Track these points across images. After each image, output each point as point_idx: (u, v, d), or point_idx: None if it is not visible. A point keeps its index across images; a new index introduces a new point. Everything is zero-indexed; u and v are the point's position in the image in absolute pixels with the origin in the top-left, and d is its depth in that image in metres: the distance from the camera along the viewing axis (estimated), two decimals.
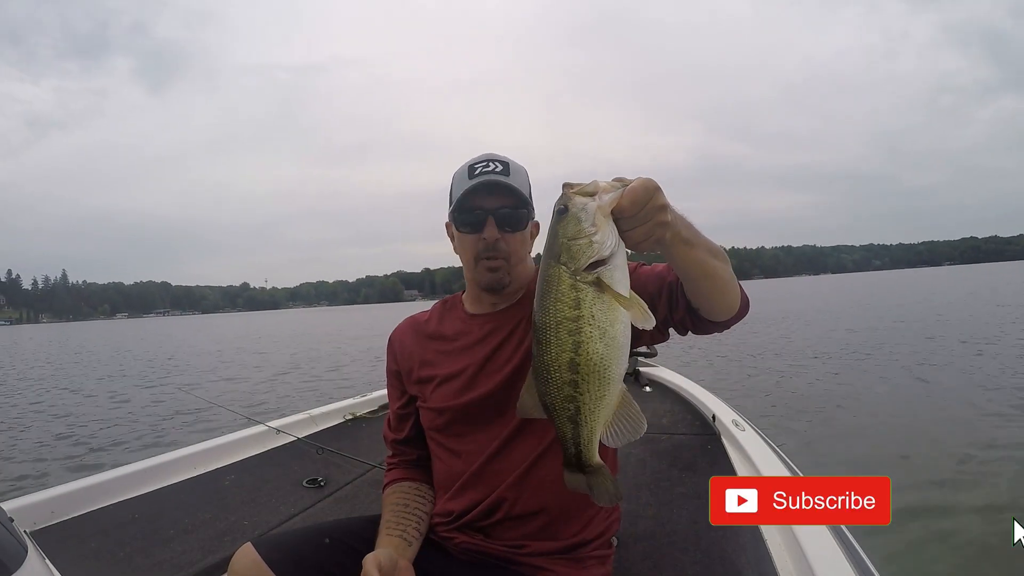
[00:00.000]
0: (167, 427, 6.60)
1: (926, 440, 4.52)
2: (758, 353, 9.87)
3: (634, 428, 0.84)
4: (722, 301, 0.93)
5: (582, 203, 0.77)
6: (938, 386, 6.36)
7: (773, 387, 6.97)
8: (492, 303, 1.17)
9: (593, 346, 0.79)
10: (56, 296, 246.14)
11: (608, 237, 0.77)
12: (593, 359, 0.79)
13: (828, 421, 5.26)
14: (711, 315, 0.96)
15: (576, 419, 0.83)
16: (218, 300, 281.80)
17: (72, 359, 18.34)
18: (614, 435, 0.85)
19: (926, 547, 2.84)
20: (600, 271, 0.78)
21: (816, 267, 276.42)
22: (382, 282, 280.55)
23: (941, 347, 9.25)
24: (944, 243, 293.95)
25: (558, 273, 0.79)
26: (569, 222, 0.78)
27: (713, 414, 2.54)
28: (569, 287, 0.78)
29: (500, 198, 1.07)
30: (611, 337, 0.79)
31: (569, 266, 0.78)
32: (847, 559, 1.23)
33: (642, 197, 0.76)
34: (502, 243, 1.09)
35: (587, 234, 0.77)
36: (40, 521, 1.76)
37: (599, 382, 0.81)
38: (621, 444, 0.86)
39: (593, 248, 0.77)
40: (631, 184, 0.76)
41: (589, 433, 0.84)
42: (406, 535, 1.09)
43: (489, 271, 1.10)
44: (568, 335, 0.79)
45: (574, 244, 0.77)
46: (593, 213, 0.77)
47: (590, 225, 0.77)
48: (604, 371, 0.80)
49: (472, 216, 1.08)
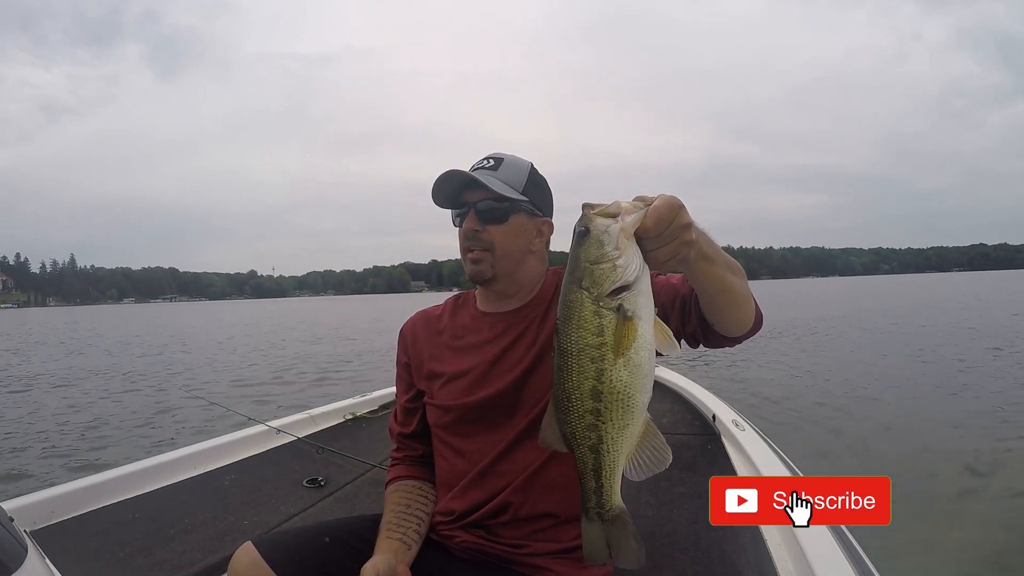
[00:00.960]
0: (167, 426, 6.59)
1: (929, 441, 4.52)
2: (758, 353, 9.87)
3: (659, 459, 0.80)
4: (737, 317, 0.93)
5: (604, 225, 0.74)
6: (943, 388, 6.34)
7: (773, 387, 6.97)
8: (503, 302, 1.17)
9: (617, 374, 0.76)
10: (64, 280, 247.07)
11: (632, 260, 0.74)
12: (617, 387, 0.76)
13: (829, 422, 5.26)
14: (725, 330, 0.95)
15: (598, 448, 0.80)
16: (225, 287, 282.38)
17: (75, 349, 18.33)
18: (638, 467, 0.81)
19: (926, 547, 2.84)
20: (624, 297, 0.75)
21: (825, 269, 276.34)
22: (389, 272, 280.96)
23: (946, 350, 9.23)
24: (953, 249, 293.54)
25: (580, 299, 0.76)
26: (591, 245, 0.75)
27: (713, 414, 2.54)
28: (592, 313, 0.75)
29: (481, 192, 1.08)
30: (635, 365, 0.76)
31: (592, 291, 0.75)
32: (847, 559, 1.23)
33: (666, 216, 0.73)
34: (484, 235, 1.09)
35: (610, 258, 0.74)
36: (40, 521, 1.76)
37: (623, 411, 0.78)
38: (644, 477, 0.81)
39: (617, 273, 0.74)
40: (654, 203, 0.74)
41: (612, 464, 0.80)
42: (406, 538, 1.09)
43: (472, 263, 1.11)
44: (591, 363, 0.76)
45: (597, 269, 0.74)
46: (616, 236, 0.74)
47: (613, 248, 0.74)
48: (628, 400, 0.77)
49: (458, 210, 1.12)
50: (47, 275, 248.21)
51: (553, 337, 0.81)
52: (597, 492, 0.82)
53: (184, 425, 6.55)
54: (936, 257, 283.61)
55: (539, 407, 1.06)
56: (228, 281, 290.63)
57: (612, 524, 0.84)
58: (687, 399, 3.01)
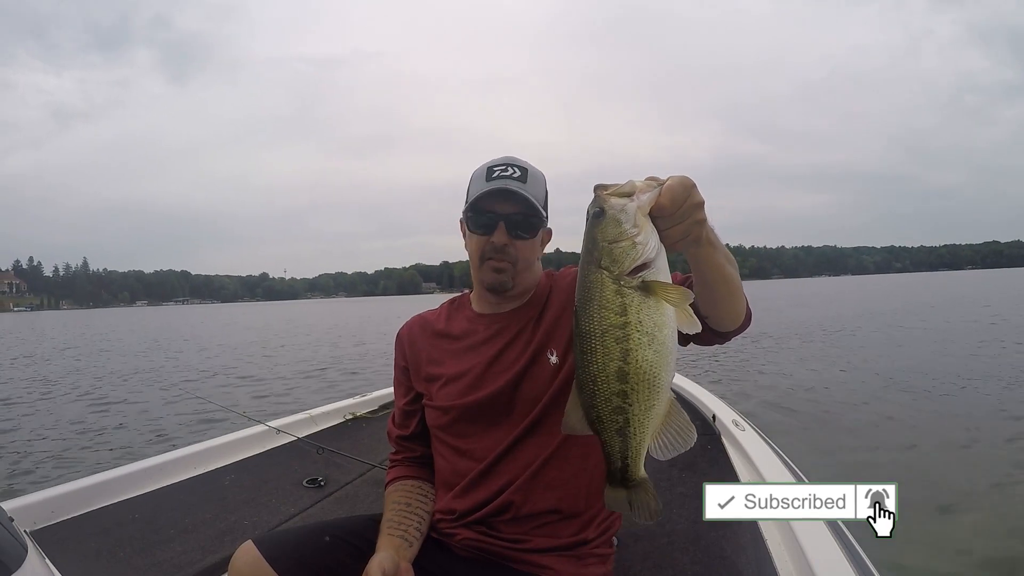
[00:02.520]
0: (167, 426, 6.59)
1: (930, 442, 4.51)
2: (759, 353, 9.87)
3: (684, 439, 0.79)
4: (731, 309, 0.93)
5: (620, 204, 0.74)
6: (948, 389, 6.30)
7: (774, 387, 6.97)
8: (499, 303, 1.17)
9: (642, 353, 0.75)
10: (77, 283, 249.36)
11: (651, 238, 0.74)
12: (643, 367, 0.75)
13: (830, 421, 5.25)
14: (718, 324, 0.95)
15: (625, 431, 0.79)
16: (237, 289, 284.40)
17: (78, 350, 18.34)
18: (663, 446, 0.80)
19: (926, 547, 2.84)
20: (645, 274, 0.74)
21: (836, 268, 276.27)
22: (400, 274, 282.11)
23: (951, 350, 9.21)
24: (966, 246, 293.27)
25: (600, 279, 0.75)
26: (608, 224, 0.74)
27: (713, 414, 2.54)
28: (614, 292, 0.74)
29: (513, 204, 1.08)
30: (660, 343, 0.76)
31: (612, 270, 0.74)
32: (847, 559, 1.23)
33: (680, 195, 0.73)
34: (511, 248, 1.10)
35: (629, 236, 0.73)
36: (40, 521, 1.76)
37: (649, 391, 0.77)
38: (670, 456, 0.80)
39: (637, 250, 0.73)
40: (668, 182, 0.74)
41: (638, 444, 0.80)
42: (407, 535, 1.09)
43: (494, 271, 1.11)
44: (615, 343, 0.75)
45: (616, 247, 0.74)
46: (633, 214, 0.73)
47: (632, 227, 0.73)
48: (654, 379, 0.76)
49: (484, 218, 1.09)
50: (60, 278, 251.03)
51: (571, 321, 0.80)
52: (623, 471, 0.82)
53: (184, 425, 6.56)
54: (949, 255, 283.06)
55: (538, 407, 1.07)
56: (240, 284, 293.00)
57: (635, 489, 0.84)
58: (687, 399, 3.01)
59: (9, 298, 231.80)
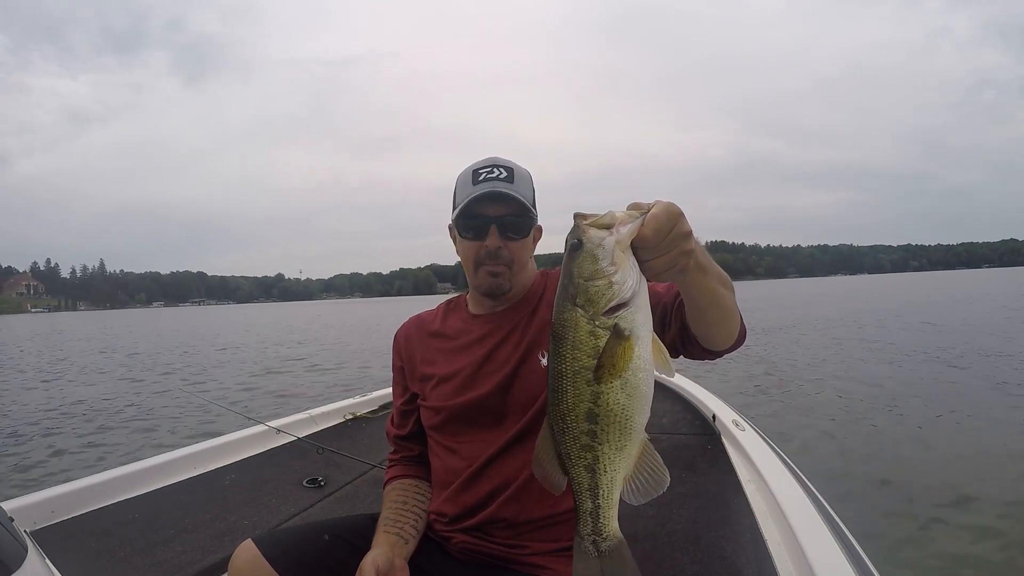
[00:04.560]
0: (167, 426, 6.60)
1: (931, 442, 4.51)
2: (759, 353, 9.87)
3: (657, 481, 0.76)
4: (723, 331, 0.91)
5: (598, 238, 0.70)
6: (952, 390, 6.29)
7: (774, 387, 6.97)
8: (492, 305, 1.18)
9: (614, 397, 0.73)
10: (94, 285, 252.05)
11: (628, 276, 0.70)
12: (614, 410, 0.73)
13: (831, 421, 5.25)
14: (709, 344, 0.93)
15: (594, 468, 0.76)
16: (252, 290, 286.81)
17: (81, 351, 18.35)
18: (635, 490, 0.77)
19: (926, 546, 2.84)
20: (621, 315, 0.71)
21: (853, 267, 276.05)
22: (415, 274, 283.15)
23: (957, 350, 9.19)
24: (983, 244, 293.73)
25: (575, 318, 0.72)
26: (585, 260, 0.70)
27: (713, 414, 2.54)
28: (587, 334, 0.71)
29: (503, 206, 1.07)
30: (633, 387, 0.73)
31: (587, 310, 0.71)
32: (847, 559, 1.23)
33: (666, 225, 0.69)
34: (504, 250, 1.09)
35: (606, 274, 0.69)
36: (40, 521, 1.76)
37: (620, 433, 0.74)
38: (643, 500, 0.77)
39: (613, 290, 0.70)
40: (652, 211, 0.70)
41: (609, 485, 0.76)
42: (403, 532, 1.10)
43: (490, 276, 1.11)
44: (586, 385, 0.73)
45: (591, 286, 0.70)
46: (611, 250, 0.69)
47: (608, 264, 0.69)
48: (626, 422, 0.74)
49: (475, 223, 1.09)
50: (77, 280, 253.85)
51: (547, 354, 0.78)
52: (594, 515, 0.77)
53: (184, 425, 6.56)
54: (966, 253, 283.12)
55: (531, 409, 1.07)
56: (255, 284, 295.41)
57: (608, 558, 0.78)
58: (687, 399, 3.01)
59: (27, 299, 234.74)
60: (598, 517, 0.77)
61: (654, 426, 2.68)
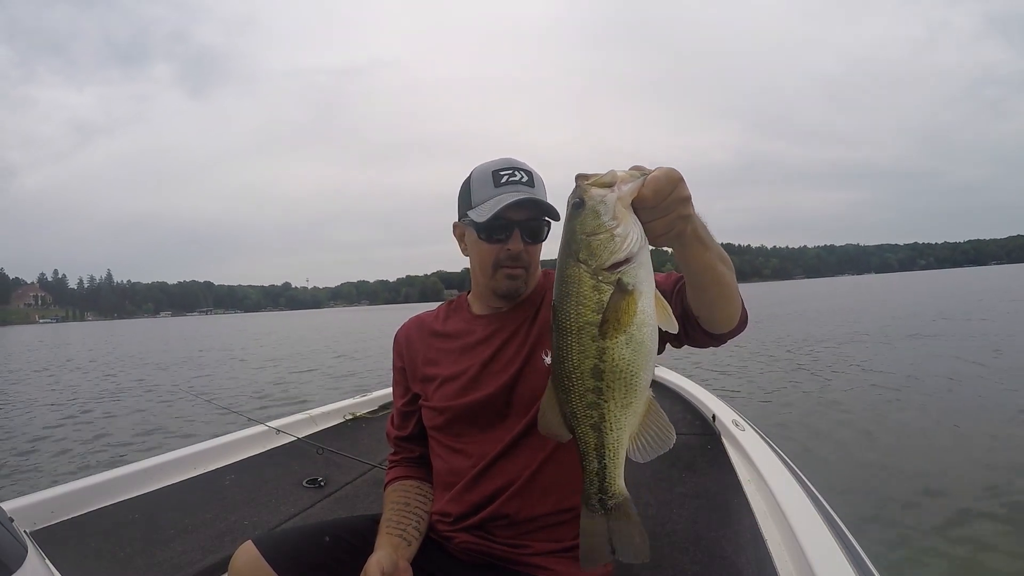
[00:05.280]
0: (167, 427, 6.60)
1: (932, 442, 4.51)
2: (759, 353, 9.87)
3: (663, 439, 0.77)
4: (725, 311, 0.90)
5: (600, 195, 0.71)
6: (955, 391, 6.26)
7: (774, 387, 6.96)
8: (497, 306, 1.17)
9: (619, 352, 0.72)
10: (101, 295, 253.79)
11: (631, 230, 0.70)
12: (619, 365, 0.73)
13: (831, 421, 5.24)
14: (711, 326, 0.93)
15: (600, 427, 0.76)
16: (260, 299, 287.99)
17: (84, 356, 18.36)
18: (642, 448, 0.77)
19: (926, 546, 2.84)
20: (624, 270, 0.71)
21: (860, 266, 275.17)
22: (422, 281, 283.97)
23: (962, 348, 9.17)
24: (991, 241, 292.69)
25: (578, 273, 0.72)
26: (587, 216, 0.71)
27: (713, 414, 2.54)
28: (591, 288, 0.72)
29: (527, 210, 1.07)
30: (638, 342, 0.73)
31: (590, 264, 0.71)
32: (847, 559, 1.23)
33: (665, 187, 0.70)
34: (524, 254, 1.10)
35: (608, 228, 0.70)
36: (40, 521, 1.76)
37: (625, 389, 0.74)
38: (649, 458, 0.78)
39: (615, 243, 0.70)
40: (653, 173, 0.71)
41: (615, 444, 0.76)
42: (405, 534, 1.10)
43: (509, 279, 1.10)
44: (591, 340, 0.73)
45: (594, 240, 0.71)
46: (613, 205, 0.70)
47: (610, 219, 0.70)
48: (631, 378, 0.74)
49: (499, 225, 1.07)
50: (84, 290, 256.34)
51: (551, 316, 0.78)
52: (600, 474, 0.78)
53: (184, 426, 6.56)
54: (973, 251, 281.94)
55: (533, 410, 1.06)
56: (262, 293, 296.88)
57: (614, 514, 0.79)
58: (687, 399, 3.01)
59: (35, 310, 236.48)
60: (604, 477, 0.78)
61: None
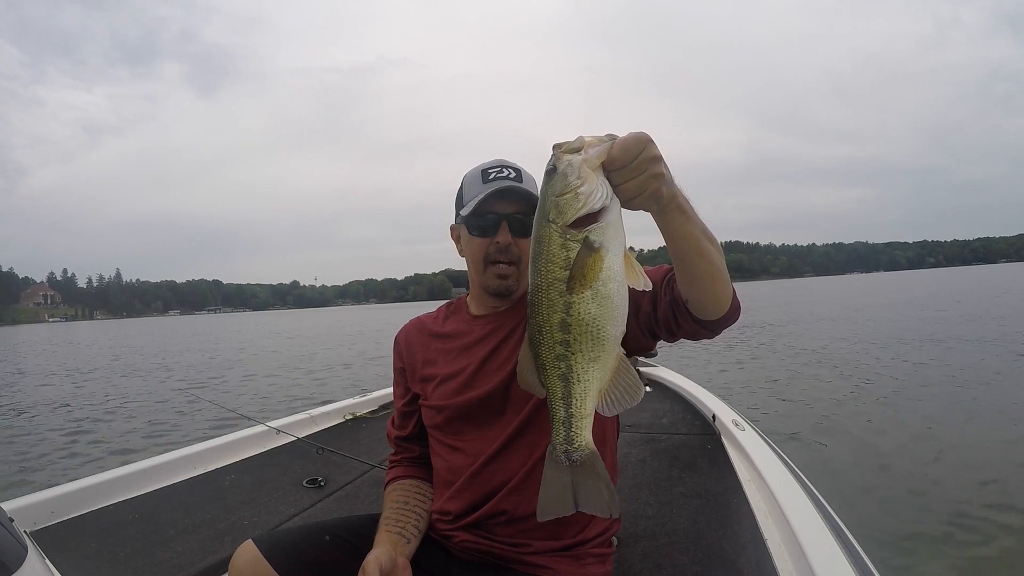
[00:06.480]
0: (167, 427, 6.60)
1: (932, 442, 4.51)
2: (759, 353, 9.87)
3: (631, 394, 0.80)
4: (713, 291, 0.87)
5: (568, 159, 0.75)
6: (956, 391, 6.24)
7: (774, 387, 6.97)
8: (494, 305, 1.18)
9: (585, 307, 0.76)
10: (110, 294, 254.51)
11: (596, 189, 0.74)
12: (585, 320, 0.77)
13: (831, 421, 5.25)
14: (700, 311, 0.90)
15: (567, 377, 0.80)
16: (268, 297, 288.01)
17: (89, 356, 18.37)
18: (610, 403, 0.81)
19: (926, 546, 2.84)
20: (591, 228, 0.75)
21: (869, 264, 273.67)
22: (430, 280, 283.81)
23: (963, 347, 9.17)
24: (1000, 239, 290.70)
25: (548, 232, 0.76)
26: (556, 179, 0.75)
27: (713, 414, 2.54)
28: (559, 246, 0.76)
29: (514, 203, 1.08)
30: (603, 296, 0.76)
31: (558, 223, 0.75)
32: (847, 559, 1.23)
33: (634, 147, 0.73)
34: (514, 248, 1.10)
35: (573, 187, 0.74)
36: (40, 521, 1.76)
37: (592, 343, 0.78)
38: (618, 411, 0.81)
39: (579, 200, 0.74)
40: (622, 136, 0.75)
41: (582, 394, 0.80)
42: (405, 532, 1.10)
43: (498, 277, 1.11)
44: (559, 296, 0.77)
45: (561, 200, 0.75)
46: (579, 167, 0.74)
47: (575, 178, 0.74)
48: (597, 332, 0.77)
49: (485, 220, 1.09)
50: (93, 289, 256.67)
51: None
52: (567, 423, 0.81)
53: (184, 425, 6.56)
54: (983, 248, 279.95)
55: (528, 406, 1.07)
56: (271, 292, 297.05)
57: (580, 469, 0.82)
58: (687, 399, 3.01)
59: (44, 309, 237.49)
60: (570, 426, 0.81)
61: (654, 426, 2.68)
